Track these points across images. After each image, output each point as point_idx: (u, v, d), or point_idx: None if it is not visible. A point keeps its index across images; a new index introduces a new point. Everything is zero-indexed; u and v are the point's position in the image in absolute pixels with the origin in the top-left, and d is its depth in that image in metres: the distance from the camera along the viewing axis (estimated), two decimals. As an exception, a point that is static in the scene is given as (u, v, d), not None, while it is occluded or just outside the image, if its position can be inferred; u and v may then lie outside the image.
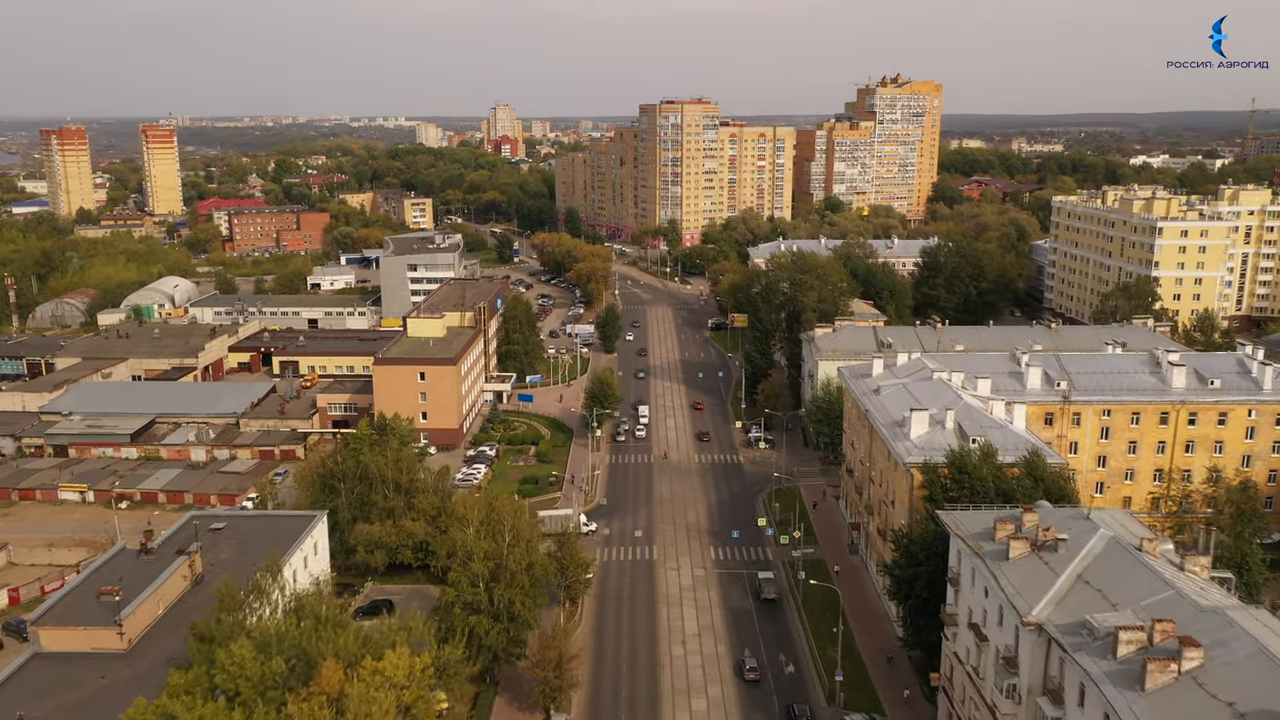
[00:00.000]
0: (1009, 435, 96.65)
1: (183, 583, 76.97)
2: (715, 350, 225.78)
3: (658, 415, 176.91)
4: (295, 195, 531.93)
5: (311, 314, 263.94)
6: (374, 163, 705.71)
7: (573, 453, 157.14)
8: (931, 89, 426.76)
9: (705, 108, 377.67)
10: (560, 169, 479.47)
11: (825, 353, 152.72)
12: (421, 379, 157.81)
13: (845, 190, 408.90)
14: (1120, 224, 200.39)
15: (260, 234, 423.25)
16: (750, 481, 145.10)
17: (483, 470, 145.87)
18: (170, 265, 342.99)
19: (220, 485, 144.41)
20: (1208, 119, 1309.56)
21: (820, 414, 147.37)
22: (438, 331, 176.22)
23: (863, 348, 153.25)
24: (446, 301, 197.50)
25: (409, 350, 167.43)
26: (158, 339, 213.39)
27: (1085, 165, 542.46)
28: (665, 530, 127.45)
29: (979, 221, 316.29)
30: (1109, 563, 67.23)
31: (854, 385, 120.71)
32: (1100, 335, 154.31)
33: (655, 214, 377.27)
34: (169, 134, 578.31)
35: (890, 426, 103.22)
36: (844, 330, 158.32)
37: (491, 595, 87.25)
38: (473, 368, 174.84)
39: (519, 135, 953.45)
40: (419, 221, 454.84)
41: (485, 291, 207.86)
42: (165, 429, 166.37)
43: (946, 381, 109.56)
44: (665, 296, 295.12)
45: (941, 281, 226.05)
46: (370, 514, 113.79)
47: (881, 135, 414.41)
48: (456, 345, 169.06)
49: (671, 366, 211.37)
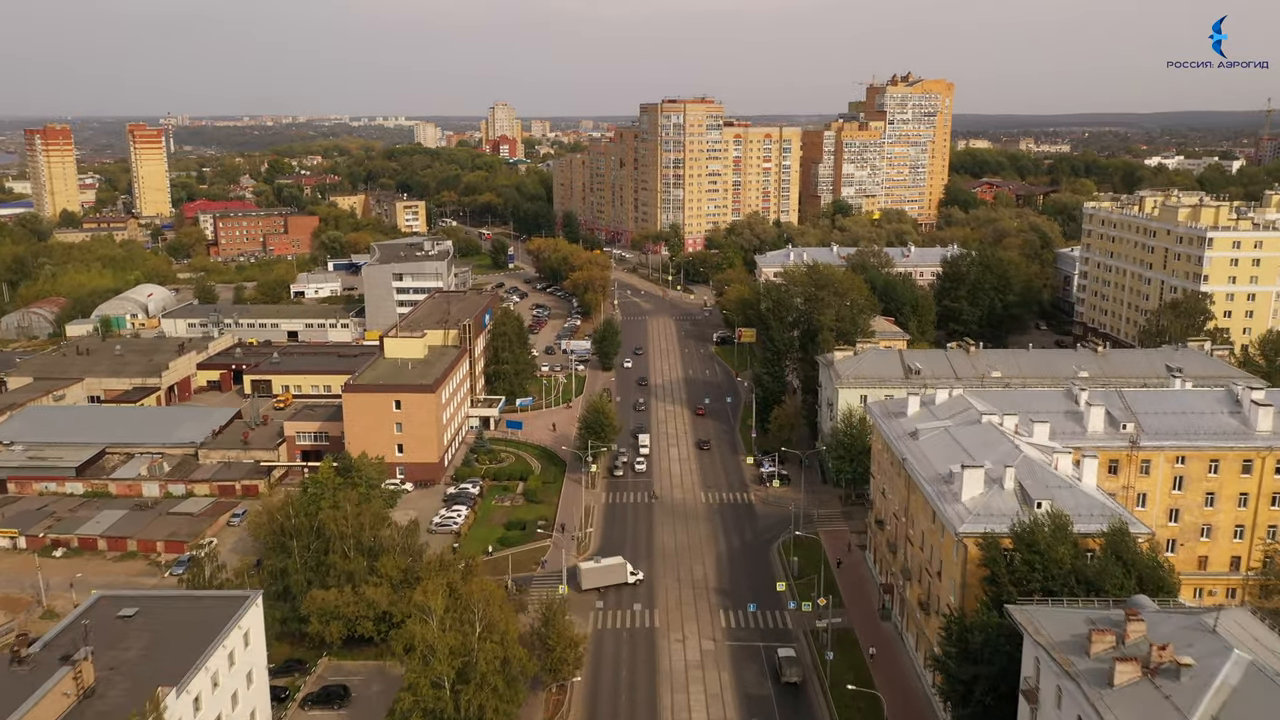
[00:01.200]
0: (1080, 498, 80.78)
1: (63, 702, 61.18)
2: (721, 368, 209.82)
3: (659, 444, 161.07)
4: (286, 197, 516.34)
5: (291, 325, 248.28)
6: (369, 163, 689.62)
7: (565, 490, 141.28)
8: (943, 88, 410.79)
9: (708, 107, 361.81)
10: (558, 170, 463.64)
11: (846, 380, 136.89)
12: (397, 408, 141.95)
13: (854, 193, 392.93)
14: (1163, 233, 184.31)
15: (246, 238, 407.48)
16: (764, 526, 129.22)
17: (463, 513, 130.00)
18: (148, 272, 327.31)
19: (169, 529, 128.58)
20: (1210, 119, 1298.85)
21: (841, 449, 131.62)
22: (417, 352, 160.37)
23: (888, 374, 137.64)
24: (429, 318, 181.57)
25: (384, 374, 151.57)
26: (120, 356, 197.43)
27: (1100, 167, 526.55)
28: (669, 589, 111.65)
29: (997, 227, 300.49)
30: (1252, 701, 51.41)
31: (886, 426, 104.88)
32: (1152, 360, 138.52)
33: (656, 218, 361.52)
34: (156, 134, 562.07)
35: (935, 482, 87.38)
36: (867, 354, 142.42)
37: (458, 700, 71.58)
38: (456, 392, 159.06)
39: (518, 135, 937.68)
40: (412, 225, 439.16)
41: (473, 305, 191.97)
42: (116, 461, 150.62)
43: (998, 426, 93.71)
44: (667, 306, 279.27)
45: (964, 294, 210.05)
46: (327, 577, 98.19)
47: (892, 136, 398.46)
48: (438, 368, 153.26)
49: (674, 388, 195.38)
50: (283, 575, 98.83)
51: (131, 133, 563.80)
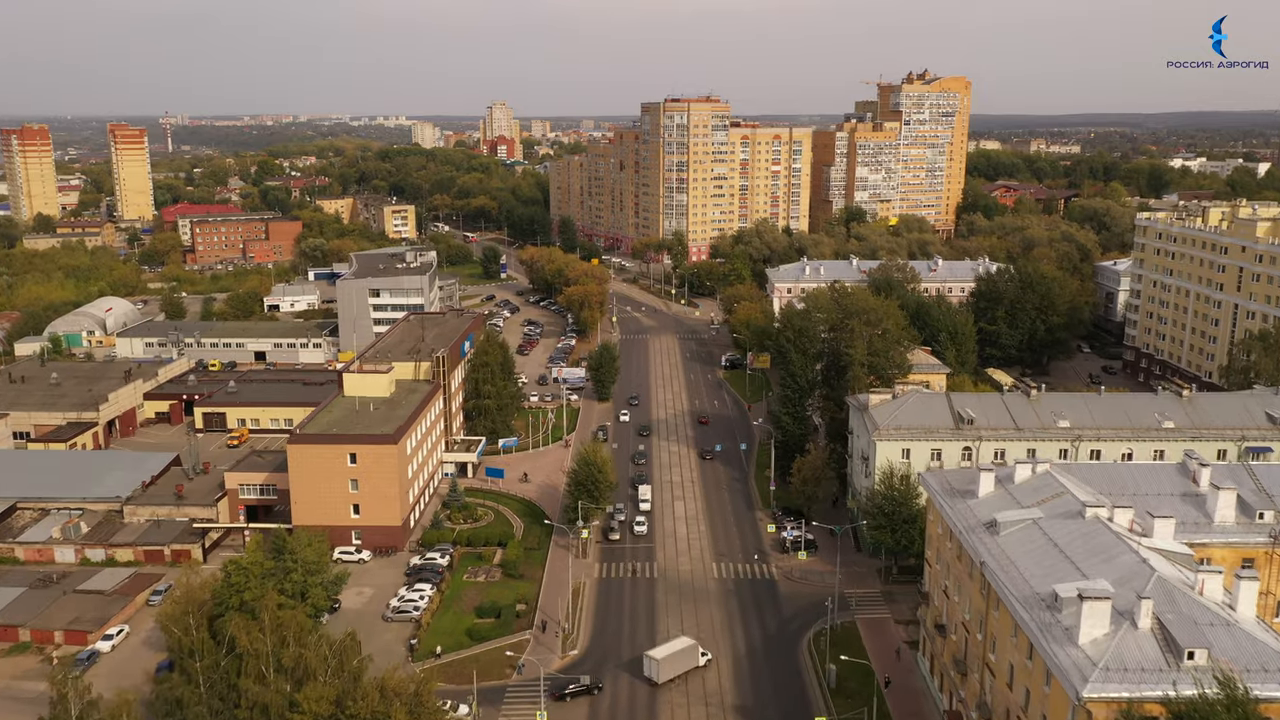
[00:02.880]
0: (1244, 642, 58.83)
1: None
2: (731, 397, 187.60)
3: (662, 496, 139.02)
4: (272, 200, 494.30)
5: (259, 345, 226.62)
6: (362, 164, 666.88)
7: (551, 560, 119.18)
8: (961, 86, 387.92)
9: (714, 106, 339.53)
10: (555, 173, 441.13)
11: (885, 430, 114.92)
12: (352, 462, 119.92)
13: (868, 198, 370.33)
14: (1237, 250, 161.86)
15: (225, 244, 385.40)
16: (790, 613, 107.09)
17: (427, 595, 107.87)
18: (114, 282, 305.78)
19: (71, 615, 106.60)
20: (1215, 119, 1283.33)
21: (880, 516, 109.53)
22: (382, 390, 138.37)
23: (934, 423, 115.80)
24: (400, 346, 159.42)
25: (340, 419, 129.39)
26: (56, 385, 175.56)
27: (1120, 169, 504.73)
28: (674, 707, 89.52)
29: (1025, 236, 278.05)
30: None
31: (951, 509, 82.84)
32: (1249, 407, 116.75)
33: (658, 224, 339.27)
34: (139, 134, 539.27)
35: (1032, 605, 65.37)
36: (908, 398, 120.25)
37: None
38: (426, 436, 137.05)
39: (516, 135, 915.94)
40: (400, 230, 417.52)
41: (451, 331, 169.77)
42: (27, 519, 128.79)
43: (1107, 522, 71.64)
44: (670, 323, 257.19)
45: (1002, 314, 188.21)
46: (238, 709, 76.29)
47: (908, 137, 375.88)
48: (404, 410, 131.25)
49: (679, 424, 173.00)
50: (178, 709, 76.80)
51: (113, 132, 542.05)
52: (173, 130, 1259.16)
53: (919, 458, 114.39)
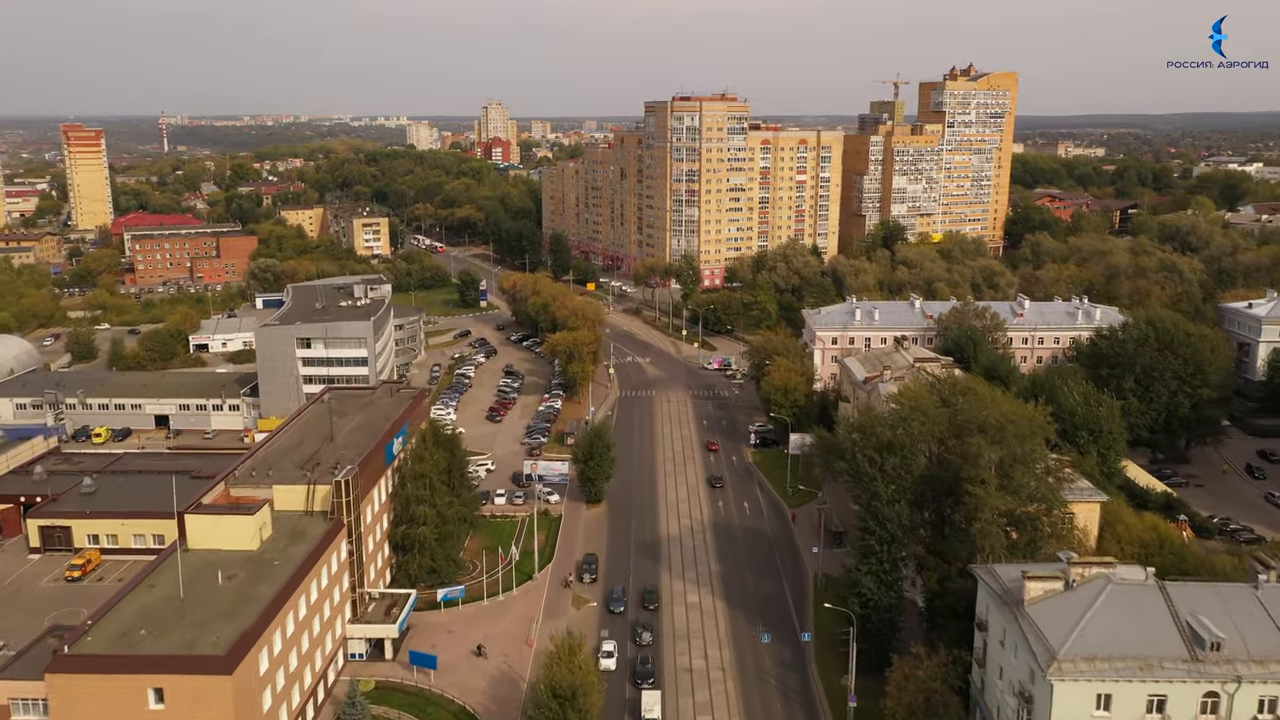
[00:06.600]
0: None
1: None
2: (769, 501, 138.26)
3: (678, 704, 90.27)
4: (238, 209, 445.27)
5: (160, 407, 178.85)
6: (346, 168, 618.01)
7: None
8: (1010, 83, 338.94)
9: (730, 106, 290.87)
10: (548, 181, 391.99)
11: (1067, 664, 66.37)
12: (158, 700, 71.35)
13: (905, 211, 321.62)
14: None
15: (170, 263, 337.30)
16: None
17: None
18: (23, 312, 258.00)
19: None
20: (1215, 120, 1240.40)
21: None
22: (247, 540, 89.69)
23: (1149, 645, 67.47)
24: (298, 449, 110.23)
25: (156, 611, 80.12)
26: None
27: (1167, 175, 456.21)
28: None
29: (1109, 263, 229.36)
30: None
31: None
32: None
33: (665, 243, 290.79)
34: (95, 136, 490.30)
35: None
36: (1098, 595, 71.29)
37: None
38: (312, 616, 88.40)
39: (513, 137, 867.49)
40: (372, 246, 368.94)
41: (380, 418, 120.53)
42: None
43: None
44: (680, 372, 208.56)
45: (1131, 386, 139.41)
46: None
47: (951, 142, 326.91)
48: (272, 583, 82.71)
49: (696, 557, 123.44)
50: None
51: (66, 134, 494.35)
52: (169, 131, 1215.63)
53: (1127, 709, 66.08)
